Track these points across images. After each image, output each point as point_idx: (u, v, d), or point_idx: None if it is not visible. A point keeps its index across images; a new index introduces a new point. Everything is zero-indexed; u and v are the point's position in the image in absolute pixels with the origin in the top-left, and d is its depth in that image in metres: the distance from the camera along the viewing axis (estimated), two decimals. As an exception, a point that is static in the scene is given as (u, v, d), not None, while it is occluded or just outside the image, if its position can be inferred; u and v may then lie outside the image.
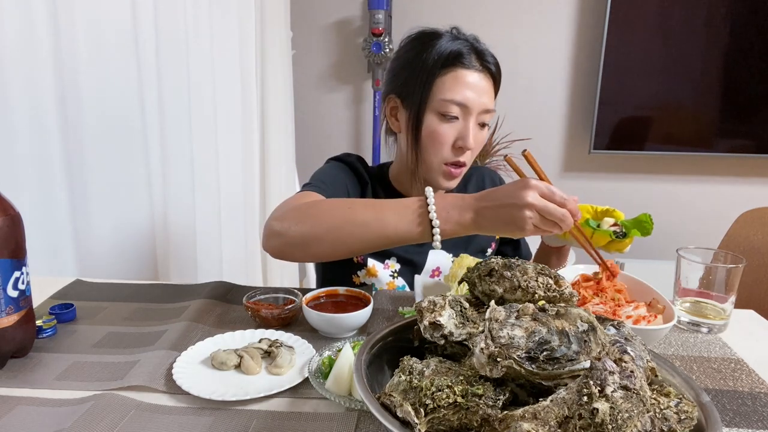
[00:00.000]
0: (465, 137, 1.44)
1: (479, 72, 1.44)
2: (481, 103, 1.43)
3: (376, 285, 1.58)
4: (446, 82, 1.43)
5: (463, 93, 1.42)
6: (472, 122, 1.44)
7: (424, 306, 0.86)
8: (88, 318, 1.31)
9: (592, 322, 0.73)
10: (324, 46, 3.72)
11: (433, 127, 1.45)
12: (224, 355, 1.08)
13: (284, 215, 1.30)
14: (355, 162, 1.62)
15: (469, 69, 1.43)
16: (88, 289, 1.49)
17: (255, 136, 2.60)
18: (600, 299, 1.23)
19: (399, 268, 1.60)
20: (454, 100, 1.42)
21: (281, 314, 1.26)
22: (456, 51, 1.43)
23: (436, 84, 1.43)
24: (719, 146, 3.49)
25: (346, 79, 3.77)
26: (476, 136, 1.46)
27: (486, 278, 0.90)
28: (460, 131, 1.45)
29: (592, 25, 3.51)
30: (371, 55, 3.53)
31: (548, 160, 3.75)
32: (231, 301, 1.41)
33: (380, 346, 0.89)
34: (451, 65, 1.43)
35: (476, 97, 1.43)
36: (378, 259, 1.58)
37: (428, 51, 1.44)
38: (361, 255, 1.37)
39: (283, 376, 1.05)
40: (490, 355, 0.70)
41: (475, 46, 1.46)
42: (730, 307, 1.28)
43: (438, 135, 1.45)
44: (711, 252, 1.34)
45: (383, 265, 1.59)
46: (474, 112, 1.43)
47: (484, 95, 1.44)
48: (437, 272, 1.60)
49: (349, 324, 1.21)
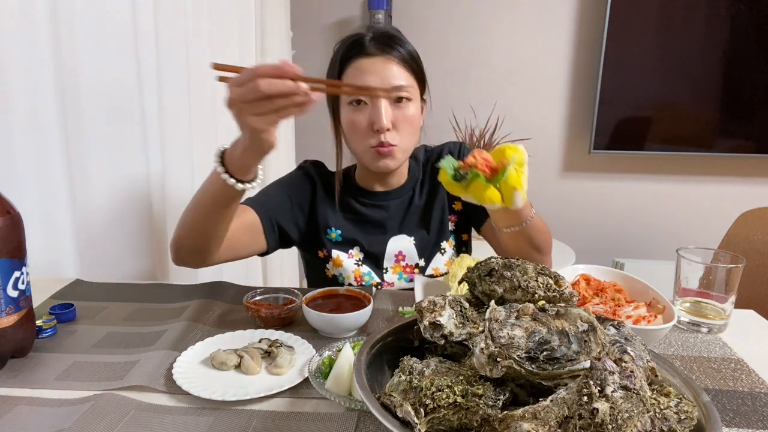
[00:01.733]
0: (376, 119, 1.47)
1: (380, 56, 1.49)
2: (384, 82, 1.48)
3: (342, 274, 1.64)
4: (349, 73, 1.51)
5: (362, 79, 1.49)
6: (383, 103, 1.47)
7: (424, 306, 0.86)
8: (88, 318, 1.31)
9: (592, 322, 0.73)
10: (324, 47, 3.72)
11: (348, 117, 1.53)
12: (224, 355, 1.08)
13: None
14: (308, 167, 1.71)
15: (369, 56, 1.49)
16: (88, 289, 1.49)
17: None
18: (600, 299, 1.23)
19: (363, 257, 1.66)
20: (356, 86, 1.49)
21: (281, 314, 1.26)
22: (354, 41, 1.52)
23: (344, 79, 1.53)
24: (719, 146, 3.49)
25: (346, 79, 3.76)
26: (394, 114, 1.49)
27: (486, 278, 0.90)
28: (371, 115, 1.49)
29: (592, 25, 3.51)
30: (371, 55, 3.52)
31: (548, 160, 3.75)
32: (231, 301, 1.41)
33: (380, 346, 0.89)
34: (353, 56, 1.51)
35: (377, 79, 1.48)
36: (342, 250, 1.65)
37: (337, 50, 1.56)
38: (216, 231, 1.37)
39: (283, 376, 1.05)
40: (490, 355, 0.70)
41: (375, 34, 1.52)
42: (730, 307, 1.28)
43: (352, 123, 1.52)
44: (711, 252, 1.34)
45: (347, 255, 1.64)
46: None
47: (388, 75, 1.49)
48: (401, 256, 1.66)
49: (349, 324, 1.21)
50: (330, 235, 1.65)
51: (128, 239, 1.92)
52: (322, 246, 1.65)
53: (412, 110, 1.53)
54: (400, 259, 1.66)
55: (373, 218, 1.67)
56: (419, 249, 1.66)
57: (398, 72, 1.49)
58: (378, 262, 1.65)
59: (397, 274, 1.65)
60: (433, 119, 3.71)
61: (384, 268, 1.65)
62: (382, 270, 1.65)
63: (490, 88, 3.70)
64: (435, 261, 1.67)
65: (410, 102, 1.52)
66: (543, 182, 3.77)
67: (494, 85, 3.69)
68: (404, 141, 1.54)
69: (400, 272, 1.66)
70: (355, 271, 1.63)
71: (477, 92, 3.70)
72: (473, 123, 3.57)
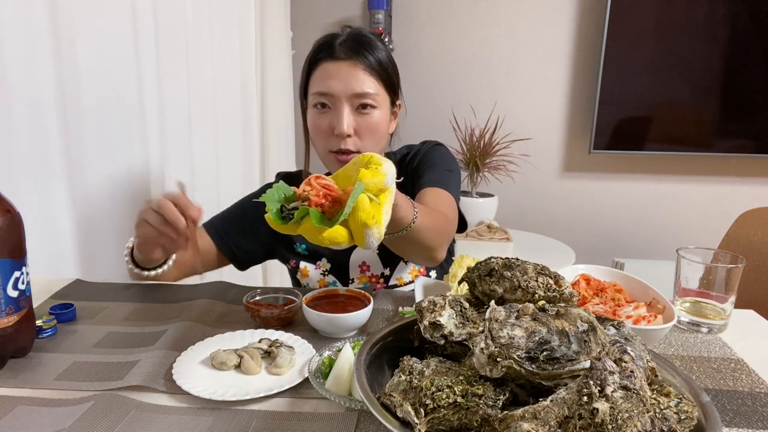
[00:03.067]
0: (337, 124, 1.46)
1: (347, 61, 1.48)
2: (348, 87, 1.46)
3: (309, 284, 1.69)
4: (316, 76, 1.51)
5: (326, 83, 1.47)
6: (345, 109, 1.46)
7: (424, 306, 0.86)
8: (88, 318, 1.31)
9: (592, 322, 0.73)
10: (324, 46, 3.72)
11: (312, 120, 1.54)
12: (224, 355, 1.08)
13: None
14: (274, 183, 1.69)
15: (336, 60, 1.48)
16: (88, 289, 1.49)
17: (255, 137, 2.60)
18: (600, 299, 1.23)
19: (330, 267, 1.68)
20: (319, 91, 1.49)
21: (281, 314, 1.26)
22: (322, 44, 1.52)
23: (311, 80, 1.53)
24: (719, 146, 3.49)
25: (346, 79, 3.76)
26: (357, 121, 1.48)
27: (486, 278, 0.90)
28: (332, 120, 1.48)
29: (592, 25, 3.51)
30: (371, 55, 3.52)
31: (548, 160, 3.75)
32: (231, 301, 1.41)
33: (380, 346, 0.89)
34: (321, 59, 1.50)
35: (341, 84, 1.46)
36: (309, 261, 1.69)
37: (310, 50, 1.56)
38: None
39: (283, 376, 1.05)
40: (490, 355, 0.71)
41: (347, 37, 1.51)
42: (730, 307, 1.28)
43: (315, 126, 1.52)
44: (711, 252, 1.34)
45: (314, 266, 1.69)
46: (342, 98, 1.46)
47: (353, 81, 1.47)
48: (365, 266, 1.66)
49: (349, 324, 1.21)
50: (297, 249, 1.70)
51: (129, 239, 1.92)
52: (290, 258, 1.70)
53: (377, 117, 1.51)
54: (364, 269, 1.66)
55: None
56: (383, 258, 1.66)
57: (364, 78, 1.48)
58: (344, 272, 1.67)
59: (363, 284, 1.65)
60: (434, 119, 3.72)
61: (351, 279, 1.66)
62: (348, 280, 1.67)
63: (490, 88, 3.70)
64: (398, 270, 1.66)
65: (375, 109, 1.50)
66: (543, 182, 3.77)
67: (494, 85, 3.69)
68: (366, 148, 1.51)
69: (366, 282, 1.66)
70: (320, 281, 1.67)
71: (477, 92, 3.70)
72: (473, 123, 3.57)
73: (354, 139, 1.49)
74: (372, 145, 1.52)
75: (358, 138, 1.49)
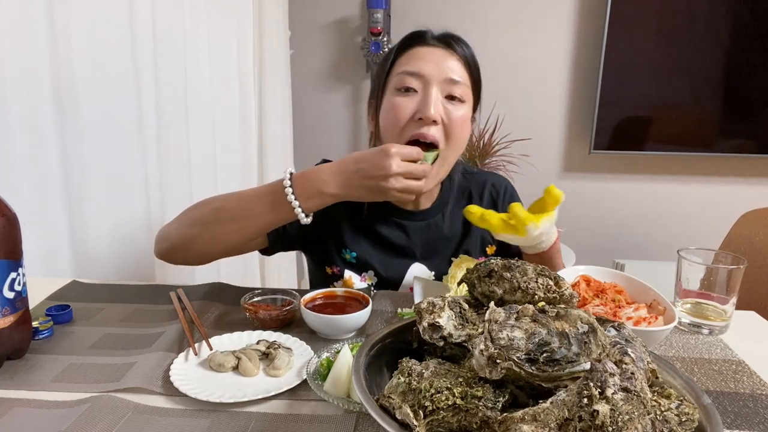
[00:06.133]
0: (424, 106, 1.35)
1: (440, 48, 1.41)
2: (441, 71, 1.37)
3: None
4: (402, 60, 1.41)
5: (416, 63, 1.38)
6: (434, 92, 1.36)
7: (423, 307, 0.86)
8: (85, 319, 1.31)
9: (592, 324, 0.73)
10: (322, 46, 3.72)
11: (390, 104, 1.40)
12: (222, 357, 1.08)
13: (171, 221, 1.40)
14: None
15: (428, 46, 1.41)
16: (85, 290, 1.49)
17: (253, 136, 2.60)
18: (600, 300, 1.23)
19: (377, 282, 1.56)
20: (407, 70, 1.38)
21: (279, 315, 1.26)
22: (413, 34, 1.44)
23: (396, 64, 1.42)
24: (720, 146, 3.49)
25: (345, 79, 3.77)
26: (445, 109, 1.38)
27: (485, 279, 0.90)
28: (419, 103, 1.37)
29: (593, 24, 3.51)
30: (370, 54, 3.53)
31: (548, 161, 3.75)
32: (229, 302, 1.41)
33: (379, 347, 0.89)
34: (409, 45, 1.42)
35: (434, 67, 1.37)
36: (355, 271, 1.56)
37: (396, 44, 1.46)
38: (241, 248, 1.40)
39: (281, 377, 1.05)
40: (490, 356, 0.70)
41: (438, 32, 1.44)
42: (731, 308, 1.28)
43: (394, 108, 1.38)
44: (712, 253, 1.34)
45: (360, 278, 1.56)
46: (433, 80, 1.37)
47: (445, 66, 1.38)
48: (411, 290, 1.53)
49: (347, 325, 1.21)
50: (344, 255, 1.56)
51: (125, 239, 1.92)
52: (333, 263, 1.57)
53: (465, 113, 1.41)
54: (410, 291, 1.51)
55: (392, 241, 1.56)
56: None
57: (456, 67, 1.39)
58: (394, 287, 1.56)
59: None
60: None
61: None
62: None
63: (490, 87, 3.68)
64: None
65: (463, 104, 1.40)
66: (543, 183, 3.74)
67: (494, 84, 3.68)
68: (449, 146, 1.40)
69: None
70: None
71: (476, 92, 3.69)
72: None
73: (439, 128, 1.37)
74: (454, 143, 1.41)
75: (443, 129, 1.38)
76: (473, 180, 1.66)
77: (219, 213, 1.34)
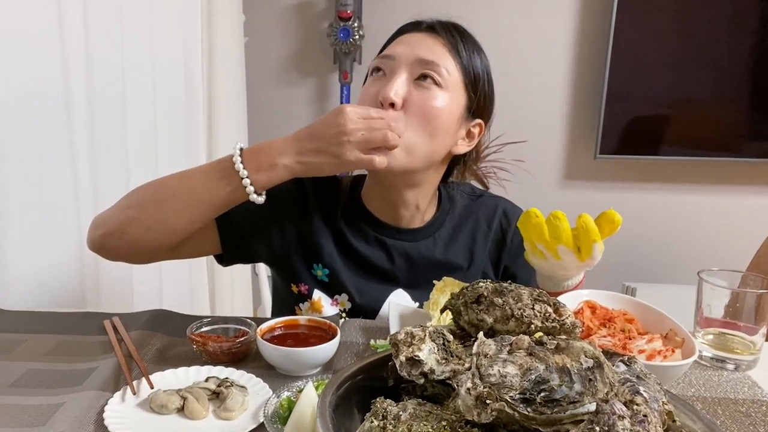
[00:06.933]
0: (383, 87, 1.37)
1: (428, 33, 1.45)
2: (412, 53, 1.41)
3: None
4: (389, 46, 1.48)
5: (392, 47, 1.46)
6: (402, 74, 1.38)
7: (401, 338, 0.86)
8: (4, 353, 1.30)
9: (598, 358, 0.73)
10: (282, 33, 3.71)
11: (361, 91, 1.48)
12: (165, 397, 1.08)
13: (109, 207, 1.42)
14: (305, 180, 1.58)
15: (416, 32, 1.47)
16: (4, 318, 1.48)
17: (201, 138, 2.58)
18: (608, 330, 1.24)
19: (350, 308, 1.55)
20: (382, 54, 1.46)
21: (232, 348, 1.25)
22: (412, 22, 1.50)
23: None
24: (747, 150, 3.52)
25: (309, 72, 3.77)
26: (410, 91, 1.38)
27: (473, 306, 0.90)
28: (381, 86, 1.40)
29: (599, 11, 3.54)
30: (338, 42, 3.52)
31: (547, 167, 3.76)
32: (173, 332, 1.40)
33: (349, 385, 0.89)
34: (400, 33, 1.49)
35: (406, 48, 1.43)
36: (326, 292, 1.55)
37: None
38: (184, 231, 1.37)
39: (234, 421, 1.05)
40: (478, 396, 0.70)
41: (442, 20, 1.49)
42: (761, 339, 1.29)
43: (361, 94, 1.46)
44: (738, 275, 1.35)
45: (331, 301, 1.55)
46: (402, 61, 1.40)
47: (420, 47, 1.42)
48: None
49: (311, 360, 1.21)
50: (315, 271, 1.55)
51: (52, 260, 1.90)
52: (300, 280, 1.56)
53: (437, 99, 1.39)
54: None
55: (371, 261, 1.56)
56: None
57: (438, 49, 1.41)
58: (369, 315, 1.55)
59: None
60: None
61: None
62: None
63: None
64: None
65: (438, 88, 1.39)
66: (540, 192, 3.78)
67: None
68: (410, 132, 1.37)
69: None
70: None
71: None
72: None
73: (398, 114, 1.36)
74: (417, 130, 1.38)
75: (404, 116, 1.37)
76: (482, 204, 1.68)
77: (159, 191, 1.36)
